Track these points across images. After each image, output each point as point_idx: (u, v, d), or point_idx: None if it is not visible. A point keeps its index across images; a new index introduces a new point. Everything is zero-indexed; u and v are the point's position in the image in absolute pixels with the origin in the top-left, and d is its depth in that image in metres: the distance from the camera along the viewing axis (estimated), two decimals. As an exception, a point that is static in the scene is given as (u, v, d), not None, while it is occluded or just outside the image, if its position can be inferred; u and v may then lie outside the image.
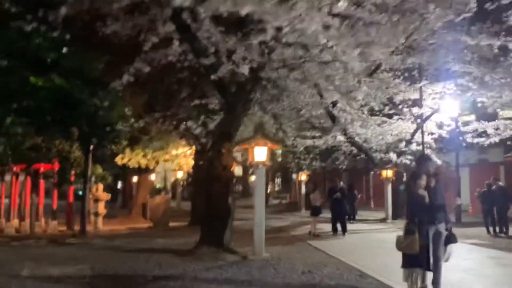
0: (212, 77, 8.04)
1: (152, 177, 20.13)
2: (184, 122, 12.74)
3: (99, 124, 11.88)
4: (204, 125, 11.76)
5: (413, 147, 19.18)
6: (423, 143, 18.09)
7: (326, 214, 14.04)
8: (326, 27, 6.64)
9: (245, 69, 7.55)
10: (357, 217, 19.46)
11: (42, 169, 13.89)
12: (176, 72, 12.79)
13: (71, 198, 15.00)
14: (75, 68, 11.35)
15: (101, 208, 14.90)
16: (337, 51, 7.89)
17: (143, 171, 18.45)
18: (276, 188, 44.73)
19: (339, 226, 13.32)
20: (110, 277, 7.42)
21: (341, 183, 14.24)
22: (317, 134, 20.06)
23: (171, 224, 15.64)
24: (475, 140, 16.47)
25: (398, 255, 5.53)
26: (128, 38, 10.80)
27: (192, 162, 15.73)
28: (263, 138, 8.74)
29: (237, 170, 46.90)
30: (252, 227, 13.85)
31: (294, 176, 27.17)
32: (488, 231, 13.83)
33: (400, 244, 5.24)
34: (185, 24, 8.67)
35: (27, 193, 14.53)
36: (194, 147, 14.76)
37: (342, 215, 13.35)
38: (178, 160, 17.38)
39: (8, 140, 12.25)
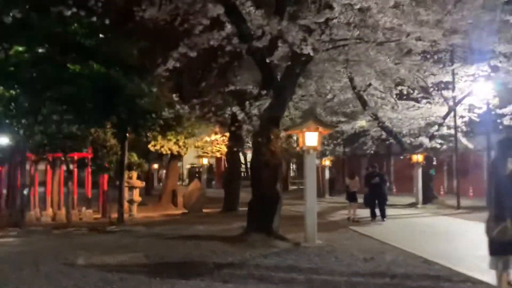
0: (267, 60, 7.80)
1: (180, 163, 20.04)
2: (219, 109, 12.50)
3: (138, 111, 11.73)
4: (242, 111, 11.49)
5: (444, 130, 18.88)
6: (455, 126, 17.75)
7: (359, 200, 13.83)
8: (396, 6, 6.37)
9: (308, 50, 7.30)
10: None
11: (76, 157, 13.81)
12: (216, 58, 12.63)
13: (105, 186, 14.96)
14: (113, 54, 11.20)
15: (136, 195, 14.84)
16: (401, 31, 7.65)
17: (172, 158, 18.38)
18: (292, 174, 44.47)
19: (377, 211, 13.14)
20: (170, 265, 7.31)
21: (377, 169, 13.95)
22: (343, 119, 19.83)
23: (204, 210, 15.58)
24: (512, 123, 16.03)
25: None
26: (166, 23, 10.68)
27: (225, 149, 15.58)
28: (314, 123, 8.50)
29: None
30: (289, 213, 13.91)
31: (317, 161, 26.87)
32: None
33: (491, 231, 5.00)
34: (235, 6, 8.46)
35: (61, 181, 14.51)
36: (228, 134, 14.58)
37: (382, 201, 13.14)
38: (211, 147, 17.26)
39: (44, 128, 12.16)
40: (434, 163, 19.68)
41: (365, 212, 13.61)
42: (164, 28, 11.46)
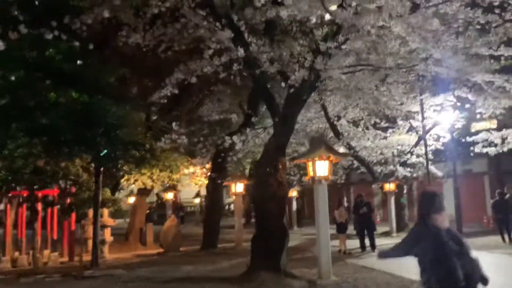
0: (283, 84, 7.40)
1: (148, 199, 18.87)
2: (201, 139, 11.85)
3: (117, 142, 10.80)
4: (229, 140, 10.95)
5: (413, 158, 19.28)
6: (426, 154, 18.13)
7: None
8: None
9: (335, 74, 6.98)
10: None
11: (41, 195, 12.46)
12: (208, 85, 12.04)
13: (73, 225, 13.61)
14: (93, 81, 10.34)
15: (108, 235, 13.61)
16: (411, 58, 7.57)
17: (140, 194, 17.25)
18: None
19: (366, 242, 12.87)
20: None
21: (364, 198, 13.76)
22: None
23: (181, 249, 14.56)
24: (485, 150, 16.58)
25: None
26: (150, 50, 10.08)
27: (205, 182, 14.80)
28: (326, 151, 8.12)
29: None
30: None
31: (283, 193, 26.59)
32: (504, 240, 13.83)
33: None
34: (241, 31, 8.06)
35: (23, 221, 13.03)
36: (209, 165, 13.88)
37: (371, 231, 12.89)
38: (189, 180, 16.35)
39: (9, 163, 10.92)
40: (405, 191, 19.95)
41: (350, 243, 13.33)
42: (147, 55, 10.85)
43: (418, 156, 19.01)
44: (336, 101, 15.20)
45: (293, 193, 24.84)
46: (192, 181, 18.73)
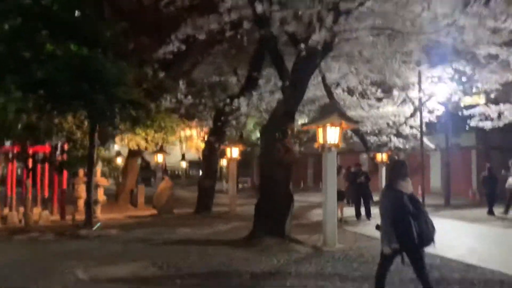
0: (302, 45, 7.07)
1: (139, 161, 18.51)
2: (203, 101, 11.46)
3: (116, 99, 10.40)
4: (230, 105, 10.64)
5: (407, 130, 19.27)
6: (421, 126, 18.14)
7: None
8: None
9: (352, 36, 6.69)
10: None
11: (39, 152, 12.07)
12: (208, 45, 11.56)
13: (64, 184, 13.29)
14: (93, 33, 9.83)
15: (101, 195, 13.36)
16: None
17: (131, 155, 16.88)
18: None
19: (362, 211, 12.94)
20: (196, 276, 6.36)
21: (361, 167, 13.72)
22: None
23: (175, 211, 14.41)
24: (480, 124, 16.63)
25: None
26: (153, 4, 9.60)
27: (202, 145, 14.50)
28: (339, 117, 7.91)
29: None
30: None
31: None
32: (492, 213, 14.00)
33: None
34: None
35: (13, 179, 12.66)
36: (206, 129, 13.55)
37: (367, 200, 12.92)
38: (185, 142, 16.03)
39: (0, 117, 10.43)
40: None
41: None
42: (151, 9, 10.34)
43: (411, 127, 19.00)
44: (336, 67, 14.87)
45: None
46: (188, 144, 18.42)
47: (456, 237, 9.83)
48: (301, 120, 16.00)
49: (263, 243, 8.16)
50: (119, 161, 18.39)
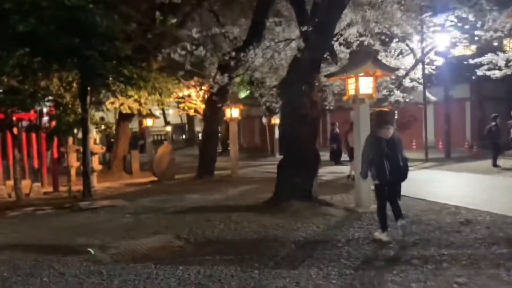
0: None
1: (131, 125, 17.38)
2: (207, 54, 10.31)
3: (110, 56, 9.28)
4: (234, 58, 9.60)
5: (406, 82, 18.62)
6: (424, 78, 17.53)
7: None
8: None
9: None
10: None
11: (23, 119, 10.90)
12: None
13: (55, 153, 12.21)
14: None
15: (96, 163, 12.35)
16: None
17: (122, 119, 15.77)
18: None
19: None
20: (231, 246, 5.62)
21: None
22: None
23: (176, 177, 13.57)
24: (488, 73, 16.04)
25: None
26: None
27: (202, 106, 13.45)
28: (374, 65, 7.07)
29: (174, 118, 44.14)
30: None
31: (264, 120, 25.63)
32: (497, 165, 13.66)
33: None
34: None
35: (-2, 149, 11.53)
36: (207, 87, 12.48)
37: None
38: (184, 103, 14.92)
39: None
40: (396, 117, 19.45)
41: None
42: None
43: (412, 80, 18.36)
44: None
45: (276, 120, 24.02)
46: (184, 105, 17.30)
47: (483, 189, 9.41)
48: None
49: (291, 207, 7.45)
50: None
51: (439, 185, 10.18)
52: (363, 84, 7.21)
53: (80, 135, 11.94)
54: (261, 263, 4.91)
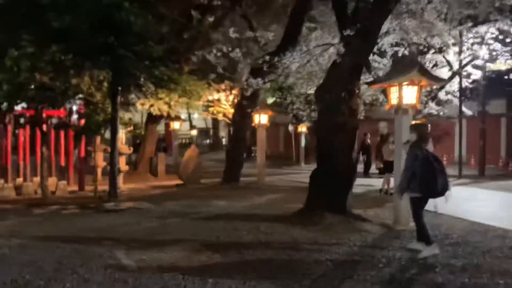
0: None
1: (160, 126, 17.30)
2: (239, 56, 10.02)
3: (145, 55, 9.13)
4: (268, 63, 9.31)
5: (441, 95, 18.00)
6: (460, 91, 16.92)
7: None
8: None
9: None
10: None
11: (53, 116, 10.85)
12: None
13: (83, 152, 12.14)
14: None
15: (123, 164, 12.21)
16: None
17: (150, 121, 15.67)
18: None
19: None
20: (260, 261, 5.26)
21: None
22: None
23: (202, 181, 13.33)
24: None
25: None
26: None
27: (231, 111, 13.19)
28: (419, 74, 6.66)
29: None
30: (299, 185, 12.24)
31: (291, 128, 25.25)
32: None
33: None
34: None
35: (26, 146, 11.51)
36: (237, 92, 12.21)
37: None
38: (213, 107, 14.75)
39: (12, 76, 9.19)
40: (429, 130, 18.80)
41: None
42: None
43: (447, 93, 17.74)
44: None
45: (302, 128, 23.63)
46: (213, 109, 17.11)
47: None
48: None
49: (324, 221, 7.06)
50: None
51: (479, 204, 9.61)
52: (407, 94, 6.79)
53: (107, 135, 11.88)
54: (295, 281, 4.56)
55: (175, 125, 19.72)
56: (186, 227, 7.33)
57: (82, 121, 11.51)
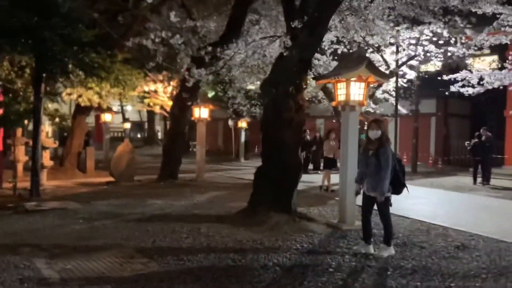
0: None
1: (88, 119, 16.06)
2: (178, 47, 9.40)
3: (75, 40, 8.26)
4: (210, 54, 8.79)
5: (378, 94, 18.40)
6: (397, 90, 17.37)
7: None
8: None
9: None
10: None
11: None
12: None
13: (1, 145, 10.88)
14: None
15: (47, 159, 11.13)
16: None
17: (78, 112, 14.49)
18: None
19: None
20: (202, 269, 4.77)
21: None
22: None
23: (136, 178, 12.49)
24: (462, 90, 15.95)
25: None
26: None
27: (169, 103, 12.41)
28: (368, 70, 6.46)
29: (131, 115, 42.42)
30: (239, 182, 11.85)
31: (230, 123, 24.76)
32: (475, 182, 13.60)
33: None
34: None
35: None
36: (176, 83, 11.49)
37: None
38: (149, 99, 13.80)
39: None
40: (365, 127, 19.16)
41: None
42: None
43: (384, 92, 18.17)
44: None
45: (242, 123, 23.28)
46: (150, 101, 16.19)
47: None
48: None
49: (269, 220, 6.71)
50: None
51: (418, 201, 9.75)
52: (354, 90, 6.59)
53: (30, 127, 10.78)
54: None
55: (106, 117, 18.60)
56: (118, 230, 6.65)
57: (0, 111, 10.32)
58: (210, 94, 23.50)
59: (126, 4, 9.06)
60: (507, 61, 15.13)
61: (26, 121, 12.24)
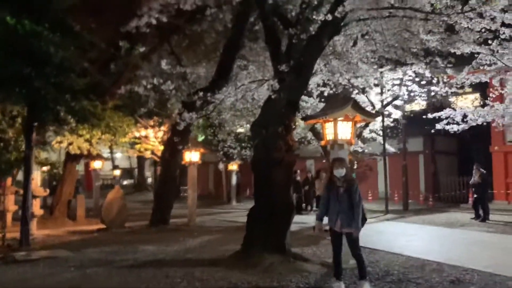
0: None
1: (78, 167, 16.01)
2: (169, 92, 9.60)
3: (68, 90, 8.42)
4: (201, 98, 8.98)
5: (365, 133, 18.71)
6: (384, 129, 17.68)
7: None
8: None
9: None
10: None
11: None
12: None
13: (-10, 195, 10.78)
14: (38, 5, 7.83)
15: (37, 208, 11.01)
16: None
17: (70, 159, 14.48)
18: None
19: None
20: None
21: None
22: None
23: (127, 225, 12.35)
24: (447, 127, 16.30)
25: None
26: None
27: (160, 148, 12.51)
28: (354, 110, 6.67)
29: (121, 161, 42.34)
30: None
31: (220, 166, 24.81)
32: (477, 218, 13.59)
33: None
34: None
35: None
36: (167, 128, 11.64)
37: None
38: (140, 144, 13.88)
39: None
40: (355, 167, 19.36)
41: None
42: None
43: (371, 131, 18.50)
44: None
45: (233, 166, 23.33)
46: (140, 147, 16.28)
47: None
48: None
49: (263, 262, 6.66)
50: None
51: (410, 238, 9.76)
52: (342, 129, 6.77)
53: (20, 176, 10.73)
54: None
55: (96, 164, 18.55)
56: (110, 277, 6.55)
57: (-9, 160, 10.31)
58: (200, 138, 23.67)
59: (117, 52, 9.33)
60: (488, 98, 15.58)
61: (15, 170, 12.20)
